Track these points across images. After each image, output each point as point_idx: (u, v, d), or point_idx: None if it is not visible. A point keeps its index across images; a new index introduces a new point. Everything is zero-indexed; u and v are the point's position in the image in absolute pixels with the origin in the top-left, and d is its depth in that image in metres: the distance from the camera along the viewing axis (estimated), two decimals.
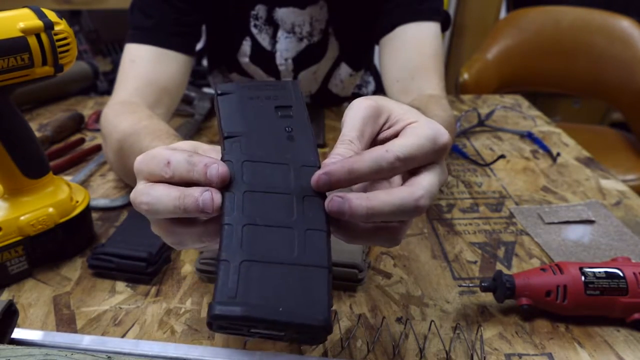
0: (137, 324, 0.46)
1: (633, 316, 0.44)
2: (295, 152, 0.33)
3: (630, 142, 1.46)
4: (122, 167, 0.62)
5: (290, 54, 0.85)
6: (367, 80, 1.05)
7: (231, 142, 0.33)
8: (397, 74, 0.74)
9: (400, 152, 0.31)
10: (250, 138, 0.34)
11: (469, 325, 0.46)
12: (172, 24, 0.72)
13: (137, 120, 0.59)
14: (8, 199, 0.50)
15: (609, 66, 1.43)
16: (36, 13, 0.45)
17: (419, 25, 0.73)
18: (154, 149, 0.34)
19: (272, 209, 0.31)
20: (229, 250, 0.29)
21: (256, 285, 0.28)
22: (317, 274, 0.29)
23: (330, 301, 0.29)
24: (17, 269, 0.50)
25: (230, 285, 0.28)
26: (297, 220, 0.31)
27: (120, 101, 0.67)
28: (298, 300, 0.28)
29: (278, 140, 0.34)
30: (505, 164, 0.78)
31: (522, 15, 1.53)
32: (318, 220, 0.31)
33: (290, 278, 0.29)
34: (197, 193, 0.30)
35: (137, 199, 0.32)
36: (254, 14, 0.82)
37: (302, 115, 0.35)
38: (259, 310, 0.28)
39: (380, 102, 0.35)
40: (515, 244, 0.58)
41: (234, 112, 0.35)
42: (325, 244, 0.30)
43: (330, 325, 0.28)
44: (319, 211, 0.31)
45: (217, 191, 0.31)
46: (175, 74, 0.73)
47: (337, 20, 0.83)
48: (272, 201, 0.31)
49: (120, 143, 0.59)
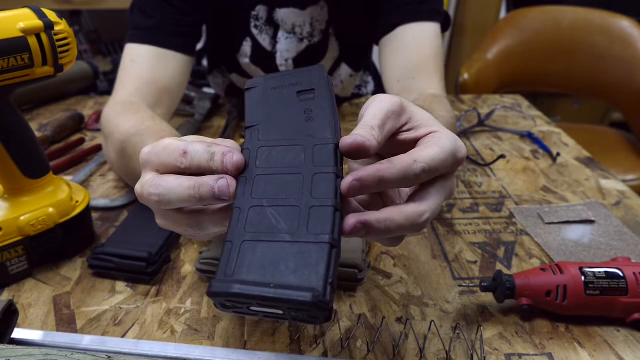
0: (137, 324, 0.46)
1: (633, 316, 0.44)
2: (311, 132, 0.33)
3: (630, 142, 1.46)
4: (124, 167, 0.62)
5: (291, 55, 0.85)
6: (366, 80, 1.05)
7: (250, 132, 0.34)
8: (397, 73, 0.74)
9: (427, 165, 0.31)
10: (269, 125, 0.34)
11: (469, 325, 0.46)
12: (172, 24, 0.72)
13: (140, 121, 0.59)
14: (8, 199, 0.50)
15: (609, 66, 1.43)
16: (36, 13, 0.45)
17: (419, 25, 0.73)
18: (164, 139, 0.34)
19: (281, 190, 0.31)
20: (234, 232, 0.30)
21: (255, 263, 0.29)
22: (317, 249, 0.29)
23: (329, 278, 0.28)
24: (17, 269, 0.50)
25: (230, 264, 0.29)
26: (305, 198, 0.30)
27: (121, 101, 0.67)
28: (295, 277, 0.28)
29: (296, 123, 0.34)
30: (505, 164, 0.78)
31: (522, 15, 1.53)
32: (326, 196, 0.30)
33: (291, 255, 0.29)
34: (211, 181, 0.31)
35: (147, 191, 0.32)
36: (255, 15, 0.82)
37: (325, 96, 0.35)
38: (252, 287, 0.28)
39: (404, 102, 0.35)
40: (515, 244, 0.58)
41: (257, 103, 0.36)
42: (330, 219, 0.29)
43: (326, 302, 0.27)
44: (327, 187, 0.31)
45: (232, 178, 0.31)
46: (176, 74, 0.73)
47: (337, 20, 0.83)
48: (281, 182, 0.32)
49: (123, 144, 0.59)
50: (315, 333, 0.44)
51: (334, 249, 0.29)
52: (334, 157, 0.32)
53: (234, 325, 0.45)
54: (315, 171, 0.31)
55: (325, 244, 0.29)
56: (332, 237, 0.29)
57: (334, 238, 0.29)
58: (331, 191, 0.30)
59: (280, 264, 0.28)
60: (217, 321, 0.46)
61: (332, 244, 0.29)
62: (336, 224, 0.30)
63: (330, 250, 0.28)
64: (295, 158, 0.32)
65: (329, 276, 0.28)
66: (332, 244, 0.29)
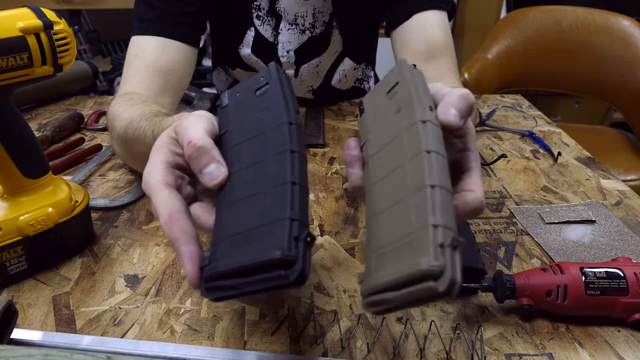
0: (136, 324, 0.46)
1: (634, 316, 0.44)
2: (268, 120, 0.36)
3: (631, 142, 1.46)
4: (128, 155, 0.64)
5: (293, 46, 0.85)
6: (368, 74, 1.05)
7: (224, 139, 0.38)
8: (411, 61, 0.76)
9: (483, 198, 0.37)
10: (235, 128, 0.38)
11: (469, 325, 0.46)
12: (176, 14, 0.73)
13: (139, 110, 0.61)
14: (7, 199, 0.50)
15: (610, 66, 1.43)
16: (35, 13, 0.45)
17: (434, 13, 0.77)
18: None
19: (248, 182, 0.34)
20: (215, 233, 0.34)
21: (228, 253, 0.32)
22: (280, 224, 0.30)
23: (293, 231, 0.29)
24: (16, 269, 0.50)
25: (212, 260, 0.32)
26: (268, 182, 0.33)
27: (125, 93, 0.69)
28: (260, 248, 0.30)
29: (255, 118, 0.37)
30: (505, 164, 0.78)
31: (522, 15, 1.53)
32: (282, 174, 0.32)
33: (257, 236, 0.31)
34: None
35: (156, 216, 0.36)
36: (257, 5, 0.82)
37: (275, 86, 0.37)
38: (223, 266, 0.31)
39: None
40: (516, 244, 0.58)
41: (226, 115, 0.39)
42: (288, 195, 0.31)
43: (291, 256, 0.28)
44: (282, 165, 0.33)
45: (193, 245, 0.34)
46: (179, 63, 0.73)
47: (341, 12, 0.84)
48: (249, 174, 0.34)
49: (125, 130, 0.60)
50: (315, 333, 0.44)
51: (294, 222, 0.30)
52: (288, 135, 0.34)
53: (234, 325, 0.45)
54: (275, 152, 0.34)
55: (285, 219, 0.30)
56: (292, 212, 0.30)
57: (292, 211, 0.30)
58: (286, 168, 0.32)
59: (249, 246, 0.31)
60: (217, 321, 0.46)
61: (292, 218, 0.30)
62: (297, 197, 0.31)
63: (290, 224, 0.30)
64: (259, 148, 0.35)
65: (292, 230, 0.29)
66: (292, 218, 0.30)
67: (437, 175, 0.29)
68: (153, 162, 0.36)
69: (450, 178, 0.31)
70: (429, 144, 0.31)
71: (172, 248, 0.56)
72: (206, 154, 0.35)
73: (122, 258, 0.55)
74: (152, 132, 0.52)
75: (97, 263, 0.54)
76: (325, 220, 0.62)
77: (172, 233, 0.33)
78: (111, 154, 0.79)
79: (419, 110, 0.33)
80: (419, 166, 0.30)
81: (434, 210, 0.28)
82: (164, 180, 0.35)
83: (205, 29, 0.82)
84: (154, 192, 0.34)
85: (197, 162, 0.35)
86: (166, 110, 0.62)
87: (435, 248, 0.26)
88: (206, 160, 0.35)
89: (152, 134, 0.52)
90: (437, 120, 0.34)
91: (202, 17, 0.79)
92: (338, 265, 0.54)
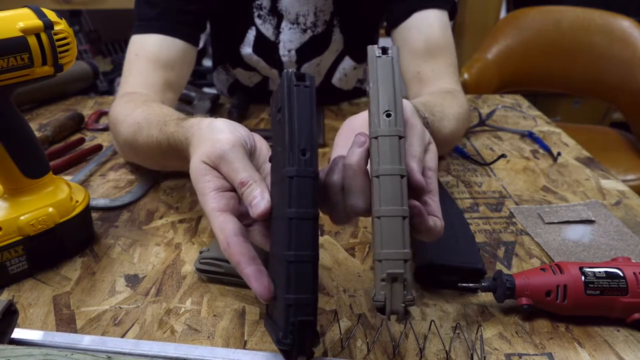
0: (137, 323, 0.46)
1: (633, 316, 0.44)
2: (281, 162, 0.36)
3: (630, 142, 1.46)
4: (134, 156, 0.66)
5: (294, 45, 0.85)
6: None
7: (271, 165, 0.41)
8: (410, 60, 0.76)
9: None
10: (274, 154, 0.39)
11: (469, 325, 0.46)
12: (177, 12, 0.73)
13: (142, 112, 0.61)
14: (8, 199, 0.50)
15: (609, 66, 1.43)
16: (36, 13, 0.45)
17: (434, 12, 0.77)
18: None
19: (278, 200, 0.36)
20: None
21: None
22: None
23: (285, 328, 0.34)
24: (17, 269, 0.50)
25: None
26: (280, 244, 0.35)
27: (126, 93, 0.69)
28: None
29: (278, 133, 0.37)
30: (505, 164, 0.78)
31: (522, 15, 1.54)
32: (284, 244, 0.34)
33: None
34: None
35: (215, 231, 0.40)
36: (258, 4, 0.82)
37: (284, 100, 0.36)
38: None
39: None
40: (515, 243, 0.58)
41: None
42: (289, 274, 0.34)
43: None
44: (285, 235, 0.34)
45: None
46: (179, 60, 0.74)
47: (342, 11, 0.84)
48: (276, 193, 0.37)
49: (132, 133, 0.61)
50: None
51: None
52: (287, 193, 0.34)
53: (234, 325, 0.45)
54: (280, 214, 0.35)
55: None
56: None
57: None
58: (286, 240, 0.34)
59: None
60: (217, 321, 0.46)
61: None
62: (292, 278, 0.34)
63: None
64: (280, 194, 0.36)
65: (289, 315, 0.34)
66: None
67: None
68: (202, 191, 0.39)
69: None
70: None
71: (172, 248, 0.57)
72: (251, 188, 0.38)
73: (123, 258, 0.55)
74: (168, 142, 0.52)
75: (97, 263, 0.54)
76: (325, 220, 0.62)
77: (233, 258, 0.36)
78: (111, 153, 0.79)
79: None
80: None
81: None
82: (217, 207, 0.38)
83: (205, 28, 0.82)
84: (211, 220, 0.38)
85: (246, 198, 0.38)
86: (168, 109, 0.62)
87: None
88: (253, 196, 0.38)
89: (168, 142, 0.52)
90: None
91: (203, 15, 0.79)
92: (338, 265, 0.54)
